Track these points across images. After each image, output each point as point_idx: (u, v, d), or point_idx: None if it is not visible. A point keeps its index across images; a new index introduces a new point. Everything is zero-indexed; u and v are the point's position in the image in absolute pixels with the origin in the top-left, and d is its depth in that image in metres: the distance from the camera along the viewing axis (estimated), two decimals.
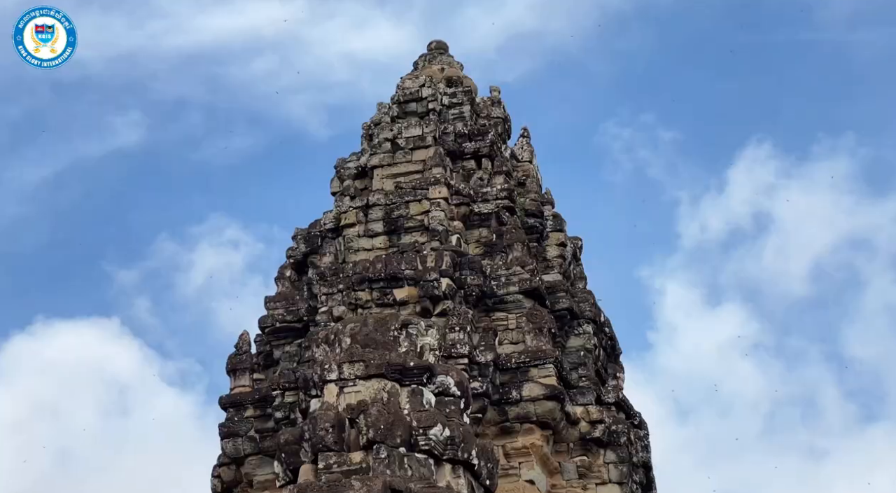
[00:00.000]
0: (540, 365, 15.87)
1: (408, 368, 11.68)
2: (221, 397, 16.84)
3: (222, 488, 16.54)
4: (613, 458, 16.09)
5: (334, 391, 11.60)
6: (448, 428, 11.30)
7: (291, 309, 16.99)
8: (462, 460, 11.36)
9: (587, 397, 16.24)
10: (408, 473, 11.01)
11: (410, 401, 11.53)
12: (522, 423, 15.73)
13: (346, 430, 11.24)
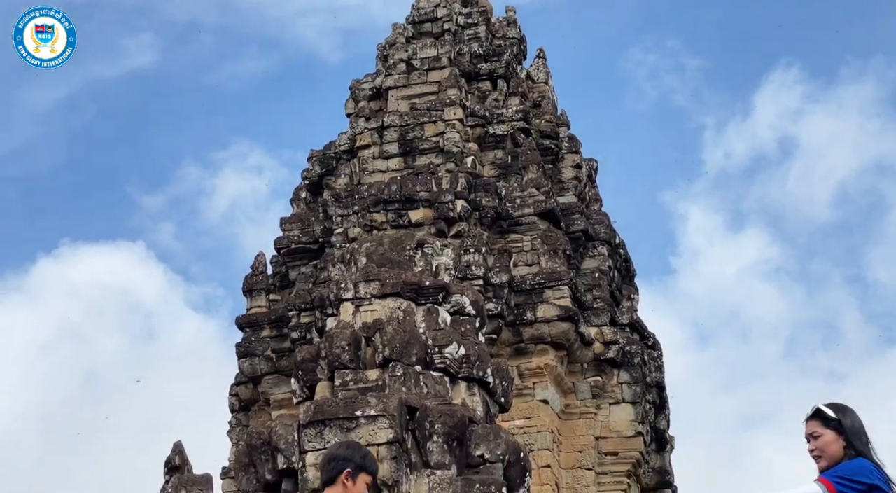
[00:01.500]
0: (554, 286, 15.92)
1: (423, 287, 11.72)
2: (238, 318, 16.98)
3: (240, 406, 16.76)
4: (627, 378, 16.21)
5: (350, 310, 11.66)
6: (463, 347, 11.37)
7: (307, 230, 17.04)
8: (477, 378, 11.44)
9: (601, 319, 16.31)
10: (423, 390, 11.10)
11: (426, 320, 11.58)
12: (537, 344, 15.83)
13: (362, 348, 11.33)
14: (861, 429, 4.89)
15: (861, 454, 4.81)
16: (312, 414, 10.68)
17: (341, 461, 4.77)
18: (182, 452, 12.94)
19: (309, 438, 10.61)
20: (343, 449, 4.90)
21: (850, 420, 4.89)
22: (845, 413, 4.93)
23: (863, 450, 4.82)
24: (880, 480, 4.73)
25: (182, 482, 12.73)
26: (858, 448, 4.81)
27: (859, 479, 4.70)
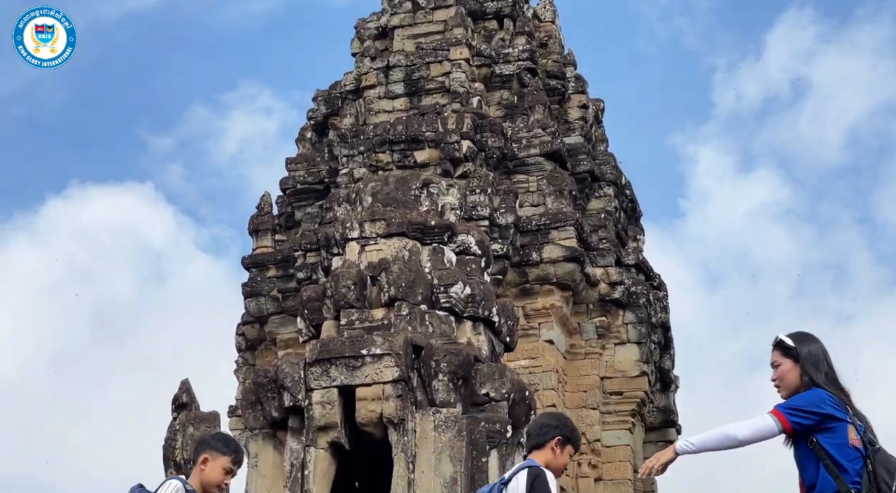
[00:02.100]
0: (560, 227, 15.90)
1: (429, 226, 11.71)
2: (244, 258, 17.00)
3: (246, 345, 16.84)
4: (632, 318, 16.24)
5: (356, 249, 11.67)
6: (469, 286, 11.39)
7: (312, 171, 17.00)
8: (482, 317, 11.47)
9: (607, 259, 16.31)
10: (429, 329, 11.14)
11: (431, 259, 11.59)
12: (542, 284, 15.85)
13: (367, 287, 11.34)
14: (820, 358, 4.82)
15: (817, 384, 4.75)
16: (318, 353, 10.72)
17: (553, 429, 5.10)
18: (189, 389, 13.04)
19: (315, 376, 10.67)
20: (555, 419, 5.22)
21: (809, 349, 4.83)
22: (804, 342, 4.87)
23: (819, 380, 4.75)
24: (834, 408, 4.66)
25: (189, 419, 12.84)
26: (815, 378, 4.76)
27: (811, 409, 4.65)
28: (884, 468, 4.57)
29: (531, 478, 4.90)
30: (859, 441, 4.61)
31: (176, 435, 12.83)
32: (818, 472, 4.66)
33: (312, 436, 10.57)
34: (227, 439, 5.42)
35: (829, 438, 4.61)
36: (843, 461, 4.56)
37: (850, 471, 4.55)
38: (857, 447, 4.61)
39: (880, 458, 4.60)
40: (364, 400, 10.58)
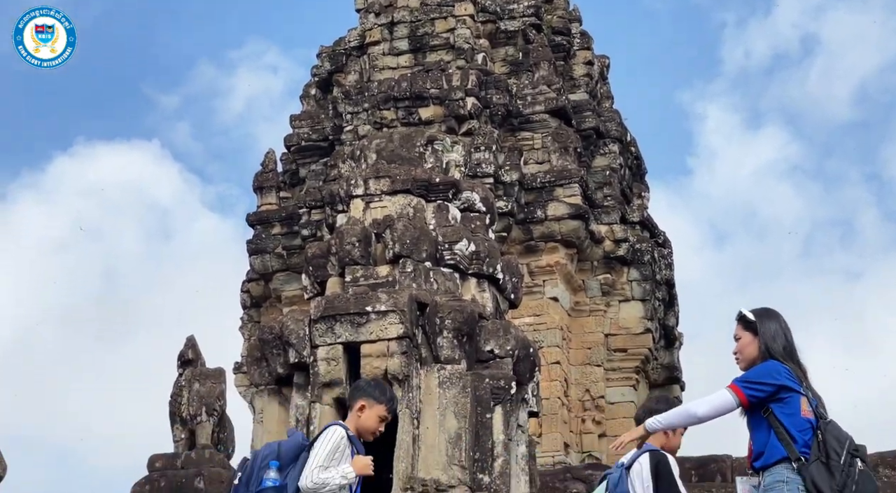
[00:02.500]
0: (565, 184, 15.88)
1: (433, 183, 11.67)
2: (249, 215, 17.02)
3: (251, 302, 16.89)
4: (637, 276, 16.25)
5: (360, 206, 11.63)
6: (473, 243, 11.36)
7: (317, 128, 16.96)
8: (487, 274, 11.45)
9: (612, 216, 16.30)
10: (433, 286, 11.13)
11: (436, 216, 11.56)
12: (547, 242, 15.86)
13: (372, 244, 11.33)
14: (780, 333, 4.92)
15: (773, 357, 4.85)
16: (323, 309, 10.73)
17: None
18: (195, 346, 13.10)
19: (320, 332, 10.68)
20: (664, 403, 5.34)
21: (769, 324, 4.94)
22: (764, 318, 4.98)
23: (776, 353, 4.86)
24: (789, 380, 4.77)
25: (195, 375, 12.91)
26: (773, 351, 4.86)
27: (765, 380, 4.77)
28: (835, 439, 4.68)
29: (654, 462, 5.12)
30: (811, 413, 4.73)
31: (182, 391, 12.92)
32: (768, 439, 4.79)
33: (317, 392, 10.60)
34: (383, 387, 5.54)
35: (782, 408, 4.72)
36: (793, 430, 4.69)
37: (800, 441, 4.68)
38: (809, 418, 4.73)
39: (831, 429, 4.71)
40: (369, 357, 10.60)
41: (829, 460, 4.62)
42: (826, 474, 4.60)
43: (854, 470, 4.60)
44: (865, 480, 4.61)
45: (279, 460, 5.10)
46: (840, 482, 4.57)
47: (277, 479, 5.05)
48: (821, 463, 4.62)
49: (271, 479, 5.03)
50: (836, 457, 4.62)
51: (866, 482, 4.60)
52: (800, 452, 4.66)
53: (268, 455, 5.14)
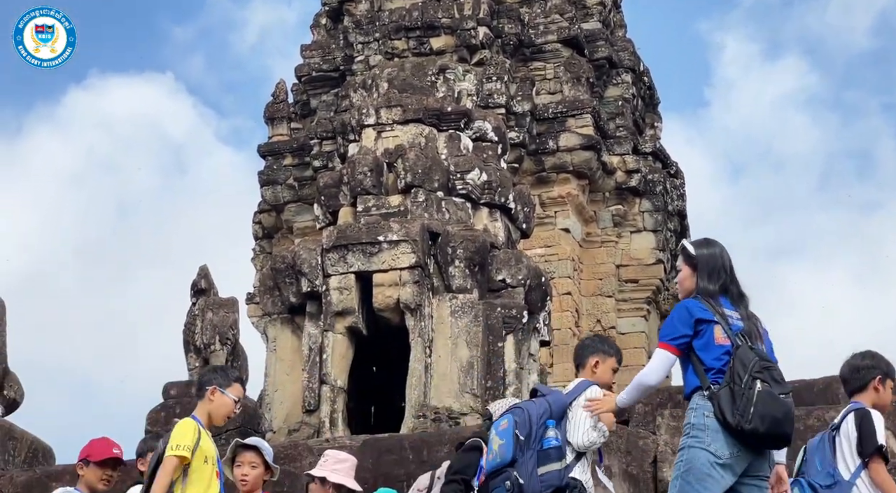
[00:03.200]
0: (577, 115, 15.79)
1: (445, 112, 11.62)
2: (260, 146, 16.97)
3: (263, 234, 16.92)
4: (649, 206, 16.22)
5: (372, 136, 11.61)
6: (485, 172, 11.35)
7: (327, 58, 16.84)
8: (499, 204, 11.46)
9: (624, 147, 16.23)
10: (445, 216, 11.14)
11: (448, 146, 11.53)
12: (558, 173, 15.82)
13: (384, 174, 11.32)
14: (717, 266, 4.94)
15: (703, 290, 4.90)
16: (335, 239, 10.76)
17: (871, 369, 5.31)
18: (208, 275, 13.14)
19: (332, 262, 10.72)
20: (869, 358, 5.37)
21: (706, 257, 4.97)
22: (702, 249, 5.01)
23: (703, 287, 4.90)
24: (701, 311, 4.82)
25: (208, 305, 12.97)
26: (703, 284, 4.90)
27: (682, 323, 4.83)
28: (740, 363, 4.70)
29: (858, 419, 5.18)
30: (726, 339, 4.76)
31: (195, 320, 12.99)
32: (687, 374, 4.91)
33: (330, 321, 10.67)
34: (608, 340, 5.68)
35: (698, 340, 4.79)
36: (707, 359, 4.75)
37: (715, 369, 4.74)
38: (724, 345, 4.76)
39: (741, 354, 4.73)
40: (381, 286, 10.64)
41: (734, 384, 4.66)
42: (729, 398, 4.64)
43: (752, 393, 4.61)
44: (766, 401, 4.62)
45: (553, 418, 5.24)
46: (741, 405, 4.61)
47: (558, 438, 5.19)
48: (728, 389, 4.67)
49: (553, 438, 5.18)
50: (738, 381, 4.66)
51: (767, 403, 4.61)
52: (712, 380, 4.72)
53: (543, 414, 5.26)
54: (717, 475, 4.67)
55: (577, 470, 5.22)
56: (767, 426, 4.61)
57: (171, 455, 5.06)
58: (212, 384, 5.35)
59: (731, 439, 4.65)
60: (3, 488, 8.41)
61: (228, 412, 5.38)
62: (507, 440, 5.24)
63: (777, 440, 4.73)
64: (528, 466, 5.16)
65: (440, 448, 8.05)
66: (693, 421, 4.77)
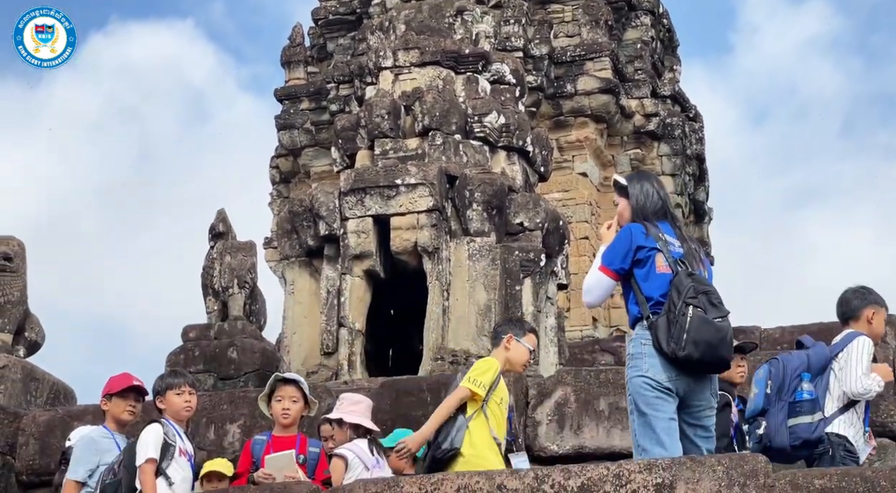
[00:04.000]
0: (595, 58, 15.67)
1: (463, 55, 11.54)
2: (276, 90, 16.92)
3: (280, 178, 16.92)
4: (667, 150, 16.13)
5: (389, 79, 11.54)
6: (503, 115, 11.29)
7: (344, 1, 16.72)
8: (517, 147, 11.40)
9: (642, 91, 16.11)
10: (463, 159, 11.10)
11: (465, 88, 11.46)
12: (576, 116, 15.73)
13: (401, 116, 11.27)
14: (650, 193, 5.00)
15: (641, 214, 4.96)
16: (353, 182, 10.74)
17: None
18: (225, 219, 13.17)
19: (350, 205, 10.71)
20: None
21: (638, 187, 5.03)
22: (635, 181, 5.09)
23: (646, 213, 4.95)
24: (643, 239, 4.86)
25: (226, 248, 13.01)
26: (642, 212, 4.96)
27: (622, 247, 4.89)
28: (676, 291, 4.73)
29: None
30: (667, 268, 4.79)
31: (213, 263, 13.03)
32: (629, 301, 4.96)
33: (348, 264, 10.68)
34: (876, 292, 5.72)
35: (639, 269, 4.84)
36: (647, 289, 4.79)
37: (655, 298, 4.76)
38: (666, 273, 4.80)
39: (676, 281, 4.76)
40: (398, 229, 10.64)
41: (669, 312, 4.69)
42: (665, 326, 4.67)
43: (686, 318, 4.62)
44: (699, 326, 4.61)
45: (810, 372, 5.28)
46: (675, 332, 4.62)
47: (812, 391, 5.24)
48: (665, 317, 4.70)
49: (807, 391, 5.23)
50: (673, 308, 4.68)
51: (700, 329, 4.61)
52: (651, 310, 4.75)
53: (798, 367, 5.34)
54: (664, 396, 4.68)
55: (841, 424, 5.28)
56: (702, 352, 4.62)
57: (466, 387, 5.31)
58: (507, 333, 5.68)
59: (668, 364, 4.68)
60: (26, 427, 8.51)
61: (525, 359, 5.70)
62: (759, 390, 5.35)
63: (713, 366, 4.76)
64: (777, 417, 5.24)
65: None
66: (632, 351, 4.82)
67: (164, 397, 5.53)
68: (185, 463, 5.40)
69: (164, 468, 5.27)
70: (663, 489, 3.49)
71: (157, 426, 5.41)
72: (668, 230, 4.93)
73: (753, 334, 11.99)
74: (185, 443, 5.47)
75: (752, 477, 3.42)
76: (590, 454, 7.52)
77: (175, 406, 5.49)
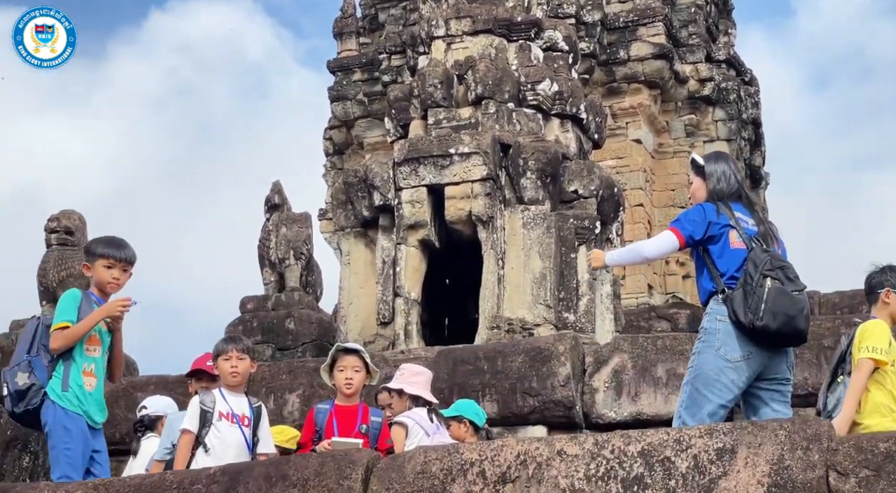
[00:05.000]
0: (648, 23, 15.51)
1: (515, 23, 11.48)
2: (329, 61, 16.94)
3: (334, 150, 16.98)
4: (722, 115, 15.96)
5: (442, 48, 11.52)
6: (556, 83, 11.23)
7: None
8: (570, 114, 11.35)
9: (696, 55, 15.93)
10: (516, 127, 11.07)
11: (518, 56, 11.41)
12: (630, 83, 15.60)
13: (454, 86, 11.25)
14: (727, 174, 5.06)
15: (717, 194, 5.02)
16: (407, 152, 10.76)
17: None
18: (281, 191, 13.26)
19: (404, 175, 10.74)
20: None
21: (714, 167, 5.09)
22: (712, 161, 5.14)
23: (721, 194, 5.01)
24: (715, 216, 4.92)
25: (282, 220, 13.11)
26: (717, 192, 5.02)
27: (696, 218, 4.96)
28: (752, 263, 4.78)
29: None
30: (741, 243, 4.85)
31: (269, 235, 13.14)
32: (701, 279, 5.02)
33: (403, 234, 10.72)
34: None
35: (713, 245, 4.89)
36: (722, 264, 4.85)
37: (729, 273, 4.82)
38: (740, 248, 4.86)
39: (752, 256, 4.81)
40: (453, 198, 10.65)
41: (745, 285, 4.72)
42: (742, 298, 4.70)
43: (763, 290, 4.66)
44: (777, 297, 4.65)
45: None
46: (752, 303, 4.65)
47: None
48: (741, 290, 4.73)
49: None
50: (750, 281, 4.71)
51: (778, 300, 4.64)
52: (726, 284, 4.80)
53: None
54: (726, 380, 4.71)
55: None
56: (780, 323, 4.64)
57: (868, 358, 4.90)
58: (884, 287, 5.27)
59: (744, 339, 4.70)
60: None
61: None
62: None
63: (790, 338, 4.77)
64: None
65: (514, 359, 8.11)
66: (706, 325, 4.83)
67: (216, 363, 5.57)
68: (227, 427, 5.36)
69: (203, 437, 5.32)
70: (724, 454, 3.48)
71: (195, 398, 5.50)
72: (741, 210, 4.98)
73: (812, 298, 11.87)
74: (231, 407, 5.42)
75: (815, 441, 3.41)
76: (648, 420, 7.51)
77: (222, 372, 5.52)
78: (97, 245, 5.55)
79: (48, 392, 5.16)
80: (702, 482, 3.45)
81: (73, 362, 5.23)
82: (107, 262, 5.43)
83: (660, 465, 3.52)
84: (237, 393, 5.52)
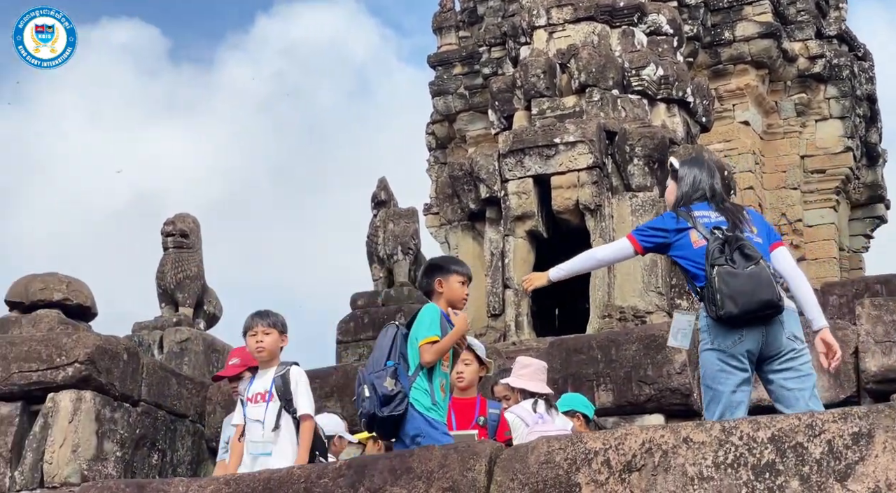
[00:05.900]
0: (754, 2, 15.18)
1: (617, 8, 11.34)
2: (430, 56, 16.96)
3: (437, 144, 16.99)
4: (835, 92, 15.54)
5: (543, 37, 11.43)
6: (661, 67, 11.06)
7: None
8: (676, 98, 11.17)
9: (806, 32, 15.53)
10: (621, 114, 10.94)
11: (621, 42, 11.27)
12: (736, 64, 15.29)
13: (557, 75, 11.16)
14: (696, 180, 5.00)
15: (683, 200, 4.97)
16: (512, 143, 10.71)
17: None
18: (387, 187, 13.31)
19: (509, 166, 10.69)
20: None
21: (686, 172, 5.05)
22: (686, 165, 5.11)
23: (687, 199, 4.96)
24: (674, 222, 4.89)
25: (389, 216, 13.16)
26: (681, 195, 5.00)
27: (656, 226, 4.97)
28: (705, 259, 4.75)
29: None
30: (702, 240, 4.80)
31: (377, 231, 13.20)
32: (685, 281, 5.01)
33: (510, 226, 10.68)
34: None
35: (677, 250, 4.87)
36: (689, 267, 4.82)
37: (701, 275, 4.76)
38: (702, 245, 4.80)
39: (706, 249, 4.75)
40: (559, 188, 10.57)
41: (706, 280, 4.72)
42: (706, 293, 4.70)
43: (714, 280, 4.63)
44: (726, 281, 4.61)
45: None
46: (711, 296, 4.64)
47: None
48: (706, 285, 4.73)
49: None
50: (707, 275, 4.71)
51: (728, 283, 4.61)
52: (699, 286, 4.76)
53: None
54: (728, 367, 4.70)
55: None
56: (742, 304, 4.60)
57: None
58: None
59: (727, 328, 4.68)
60: (212, 396, 8.81)
61: None
62: None
63: (760, 311, 4.66)
64: None
65: (628, 347, 8.00)
66: (699, 326, 4.84)
67: (246, 342, 5.55)
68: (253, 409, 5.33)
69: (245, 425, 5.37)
70: (860, 438, 3.35)
71: None
72: (703, 208, 4.96)
73: None
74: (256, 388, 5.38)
75: None
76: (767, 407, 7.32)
77: (250, 349, 5.49)
78: (449, 262, 5.65)
79: (413, 403, 5.14)
80: (837, 467, 3.33)
81: (435, 377, 5.25)
82: (461, 278, 5.49)
83: (792, 451, 3.41)
84: (267, 369, 5.44)
